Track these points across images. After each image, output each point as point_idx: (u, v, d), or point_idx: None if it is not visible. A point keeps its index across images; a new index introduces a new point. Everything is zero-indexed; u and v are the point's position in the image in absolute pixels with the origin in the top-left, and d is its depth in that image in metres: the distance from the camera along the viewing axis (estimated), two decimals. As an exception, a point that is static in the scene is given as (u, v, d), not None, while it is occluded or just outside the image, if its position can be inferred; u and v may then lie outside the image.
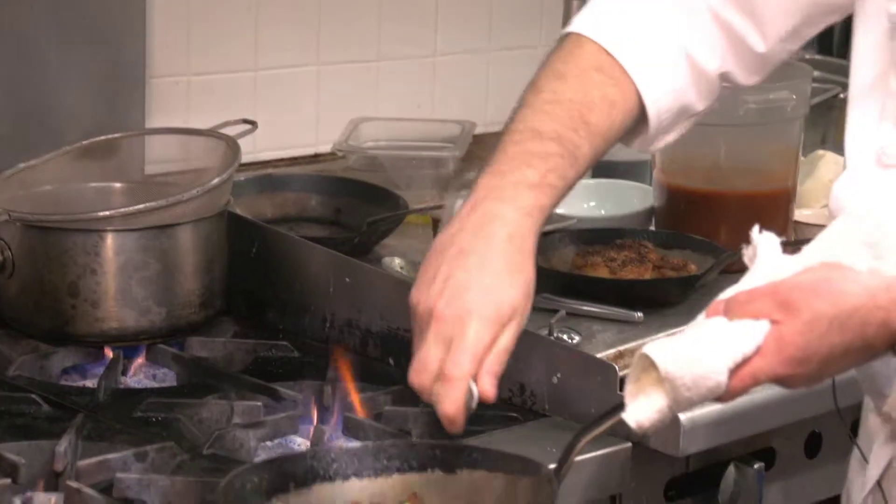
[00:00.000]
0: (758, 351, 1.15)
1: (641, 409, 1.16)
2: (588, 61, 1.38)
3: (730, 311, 1.17)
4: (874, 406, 1.37)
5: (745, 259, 1.23)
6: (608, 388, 1.51)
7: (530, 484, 1.17)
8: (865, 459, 1.37)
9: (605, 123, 1.36)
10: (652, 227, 1.99)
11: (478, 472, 1.21)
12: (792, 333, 1.14)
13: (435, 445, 1.24)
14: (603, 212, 2.04)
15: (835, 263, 1.17)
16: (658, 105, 1.40)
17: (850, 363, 1.19)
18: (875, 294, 1.15)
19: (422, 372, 1.20)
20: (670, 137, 1.46)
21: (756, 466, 1.59)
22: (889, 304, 1.14)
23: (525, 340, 1.46)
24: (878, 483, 1.35)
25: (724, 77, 1.45)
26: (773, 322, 1.15)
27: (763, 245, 1.22)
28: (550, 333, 1.62)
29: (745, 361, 1.15)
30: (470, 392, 1.20)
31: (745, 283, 1.20)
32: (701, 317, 1.21)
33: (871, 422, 1.38)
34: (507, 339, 1.22)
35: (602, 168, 2.16)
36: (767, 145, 1.96)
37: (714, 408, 1.51)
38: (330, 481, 1.20)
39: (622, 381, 1.52)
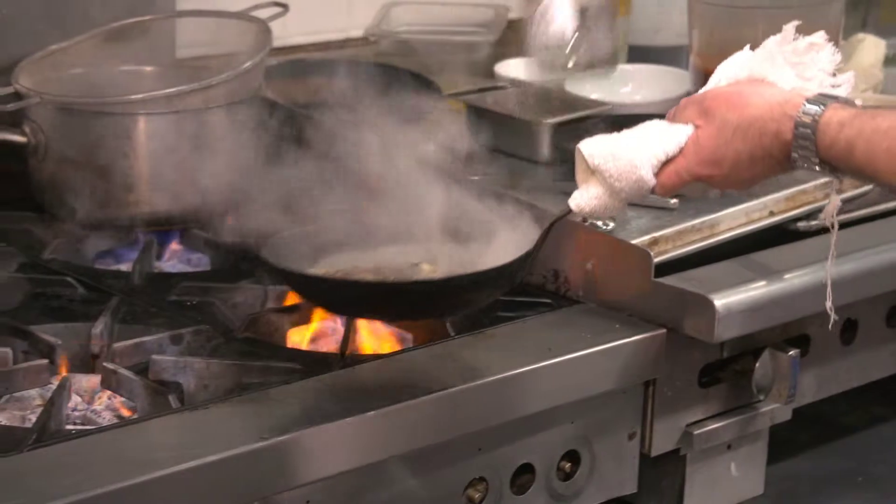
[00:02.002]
0: (681, 151, 1.35)
1: (583, 195, 1.37)
2: None
3: (673, 115, 1.38)
4: None
5: None
6: (642, 275, 1.50)
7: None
8: None
9: None
10: (688, 113, 1.96)
11: None
12: (705, 137, 1.34)
13: None
14: (638, 97, 2.02)
15: (758, 79, 1.36)
16: None
17: (761, 170, 1.35)
18: (772, 108, 1.32)
19: None
20: None
21: (791, 353, 1.58)
22: (781, 117, 1.31)
23: (559, 227, 1.46)
24: None
25: None
26: (696, 126, 1.35)
27: (737, 57, 1.39)
28: (585, 220, 1.61)
29: (671, 160, 1.35)
30: None
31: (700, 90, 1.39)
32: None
33: None
34: None
35: (638, 53, 2.13)
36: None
37: (749, 294, 1.50)
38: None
39: (657, 267, 1.52)
